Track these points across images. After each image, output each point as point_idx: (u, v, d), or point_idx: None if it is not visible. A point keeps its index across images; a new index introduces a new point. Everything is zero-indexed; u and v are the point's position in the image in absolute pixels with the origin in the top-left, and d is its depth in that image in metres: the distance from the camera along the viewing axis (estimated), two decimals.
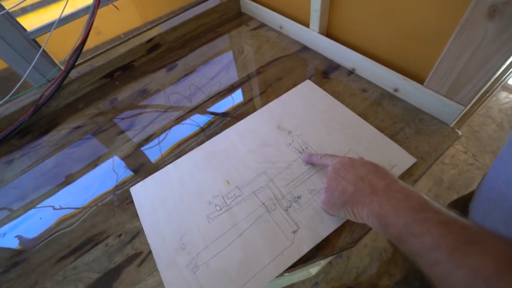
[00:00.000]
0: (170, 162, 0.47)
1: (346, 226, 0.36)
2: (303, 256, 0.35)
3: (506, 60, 0.34)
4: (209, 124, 0.53)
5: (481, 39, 0.34)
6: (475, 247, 0.20)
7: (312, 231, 0.36)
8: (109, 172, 0.49)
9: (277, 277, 0.34)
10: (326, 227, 0.36)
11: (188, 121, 0.54)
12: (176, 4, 0.75)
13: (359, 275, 0.98)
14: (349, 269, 1.00)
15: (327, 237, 0.36)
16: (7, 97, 0.55)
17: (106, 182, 0.48)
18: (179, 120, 0.55)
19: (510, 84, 1.36)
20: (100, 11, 0.55)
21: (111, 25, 0.69)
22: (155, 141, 0.52)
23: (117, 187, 0.46)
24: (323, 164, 0.38)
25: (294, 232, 0.36)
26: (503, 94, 1.37)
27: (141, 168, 0.49)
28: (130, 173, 0.48)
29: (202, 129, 0.52)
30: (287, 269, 0.34)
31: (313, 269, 0.92)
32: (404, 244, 0.24)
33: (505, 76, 0.59)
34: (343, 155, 0.37)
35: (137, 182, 0.45)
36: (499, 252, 0.19)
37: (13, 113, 0.57)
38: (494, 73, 0.36)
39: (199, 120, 0.54)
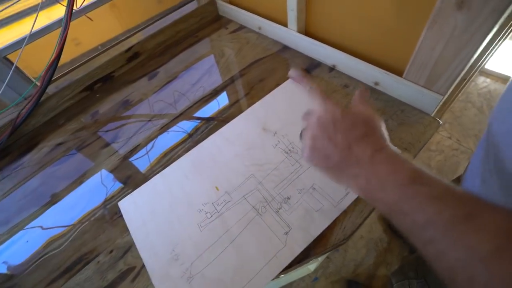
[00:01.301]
0: (159, 172, 0.46)
1: (337, 223, 0.37)
2: (296, 257, 0.35)
3: (477, 49, 0.35)
4: (196, 129, 0.52)
5: (452, 30, 0.35)
6: (472, 222, 0.18)
7: (303, 231, 0.36)
8: (96, 187, 0.48)
9: (272, 279, 0.34)
10: (317, 226, 0.36)
11: (174, 128, 0.54)
12: (155, 10, 0.74)
13: (357, 267, 1.00)
14: (347, 262, 1.01)
15: (319, 235, 0.36)
16: None
17: (94, 198, 0.46)
18: (165, 128, 0.54)
19: (486, 69, 1.41)
20: (77, 22, 0.53)
21: (90, 34, 0.68)
22: (143, 151, 0.51)
23: (105, 202, 0.45)
24: (310, 96, 0.33)
25: (286, 233, 0.36)
26: (481, 79, 1.42)
27: (129, 181, 0.48)
28: (118, 186, 0.47)
29: (190, 135, 0.52)
30: (281, 271, 0.34)
31: (312, 266, 0.93)
32: (395, 220, 0.23)
33: (480, 61, 0.61)
34: (334, 103, 0.30)
35: (126, 195, 0.45)
36: (498, 227, 0.17)
37: None
38: (468, 62, 0.37)
39: (185, 126, 0.53)
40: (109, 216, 0.44)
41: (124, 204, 0.43)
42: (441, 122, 0.45)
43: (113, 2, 0.64)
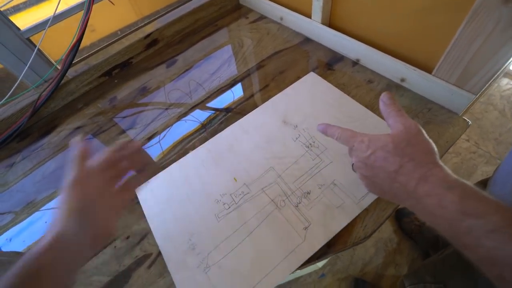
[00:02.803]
0: (173, 160, 0.46)
1: (357, 221, 0.36)
2: (315, 253, 0.34)
3: None
4: (211, 120, 0.52)
5: (494, 25, 0.33)
6: None
7: (323, 227, 0.35)
8: None
9: (290, 274, 0.34)
10: (338, 222, 0.36)
11: (189, 117, 0.53)
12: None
13: (365, 266, 0.99)
14: (355, 260, 1.00)
15: (339, 232, 0.35)
16: (4, 99, 0.54)
17: None
18: (180, 117, 0.53)
19: (511, 70, 1.35)
20: (93, 8, 0.53)
21: (106, 21, 0.67)
22: (156, 139, 0.51)
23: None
24: (342, 142, 0.33)
25: (305, 228, 0.36)
26: (505, 81, 1.36)
27: (145, 168, 0.48)
28: (133, 174, 0.47)
29: (203, 125, 0.51)
30: (300, 266, 0.34)
31: (320, 262, 0.92)
32: (460, 247, 0.23)
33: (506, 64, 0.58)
34: (360, 140, 0.30)
35: None
36: None
37: (11, 115, 0.55)
38: (507, 60, 0.35)
39: (200, 116, 0.53)
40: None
41: (142, 191, 0.43)
42: (470, 122, 0.43)
43: None
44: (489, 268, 0.21)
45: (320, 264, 0.93)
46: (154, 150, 0.50)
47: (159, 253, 0.38)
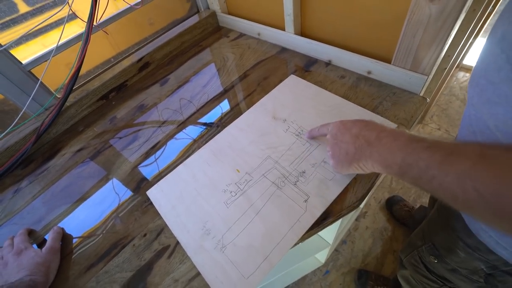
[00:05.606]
0: (178, 164, 0.50)
1: (349, 188, 0.42)
2: (317, 220, 0.39)
3: (450, 32, 0.42)
4: (203, 135, 0.56)
5: (427, 19, 0.42)
6: (455, 155, 0.25)
7: (321, 197, 0.41)
8: (116, 188, 0.51)
9: (296, 244, 0.38)
10: (332, 192, 0.41)
11: (181, 134, 0.57)
12: (146, 32, 0.77)
13: (365, 257, 1.03)
14: (355, 253, 1.04)
15: (335, 200, 0.40)
16: (8, 129, 0.57)
17: (119, 194, 0.50)
18: (173, 134, 0.57)
19: (465, 64, 1.52)
20: (73, 48, 0.58)
21: (85, 58, 0.69)
22: (152, 158, 0.54)
23: (133, 196, 0.49)
24: (322, 133, 0.44)
25: (306, 201, 0.41)
26: (461, 74, 1.53)
27: (151, 175, 0.51)
28: (140, 184, 0.51)
29: (195, 141, 0.55)
30: (305, 233, 0.38)
31: (322, 257, 0.95)
32: (406, 174, 0.29)
33: (454, 55, 0.68)
34: (334, 122, 0.40)
35: (149, 187, 0.48)
36: (472, 152, 0.24)
37: (14, 144, 0.58)
38: (444, 44, 0.44)
39: (192, 132, 0.57)
40: (138, 205, 0.47)
41: (153, 193, 0.47)
42: (428, 99, 0.51)
43: (106, 28, 0.66)
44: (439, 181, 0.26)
45: (323, 259, 0.96)
46: (151, 168, 0.53)
47: (177, 243, 0.41)
